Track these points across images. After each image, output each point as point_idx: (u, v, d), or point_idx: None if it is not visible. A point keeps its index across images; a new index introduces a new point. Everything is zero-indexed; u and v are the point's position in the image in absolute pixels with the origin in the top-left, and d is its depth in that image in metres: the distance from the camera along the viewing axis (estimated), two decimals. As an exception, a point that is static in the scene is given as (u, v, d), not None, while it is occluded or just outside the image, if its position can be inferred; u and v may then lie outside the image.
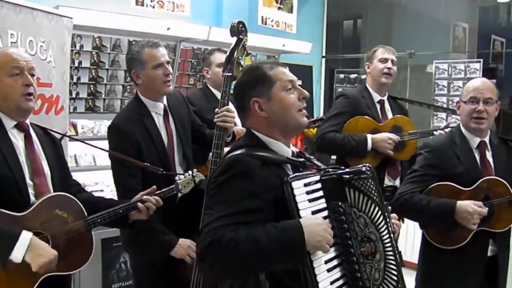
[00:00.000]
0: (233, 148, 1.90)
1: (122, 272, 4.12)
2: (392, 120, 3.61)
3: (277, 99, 1.88)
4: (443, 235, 2.76)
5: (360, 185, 1.81)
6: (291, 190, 1.71)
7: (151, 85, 2.82)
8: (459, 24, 7.07)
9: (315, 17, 7.05)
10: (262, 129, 1.91)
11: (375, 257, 1.80)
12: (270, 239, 1.63)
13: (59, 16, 3.43)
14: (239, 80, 1.99)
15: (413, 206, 2.72)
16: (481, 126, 2.76)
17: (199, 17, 5.17)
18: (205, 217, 1.72)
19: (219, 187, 1.75)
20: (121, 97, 4.61)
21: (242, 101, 1.93)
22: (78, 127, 4.36)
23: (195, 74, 5.10)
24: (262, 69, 1.92)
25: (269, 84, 1.89)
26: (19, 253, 2.04)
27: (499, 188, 2.72)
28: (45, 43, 3.22)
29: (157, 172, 2.64)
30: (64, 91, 3.52)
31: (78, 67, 4.26)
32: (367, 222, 1.80)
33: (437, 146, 2.84)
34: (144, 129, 2.79)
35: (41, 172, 2.30)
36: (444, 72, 5.85)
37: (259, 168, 1.75)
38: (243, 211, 1.68)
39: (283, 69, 1.94)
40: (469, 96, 2.76)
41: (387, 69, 3.60)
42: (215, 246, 1.61)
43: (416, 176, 2.82)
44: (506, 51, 6.77)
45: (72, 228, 2.29)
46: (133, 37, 4.46)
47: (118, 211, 2.43)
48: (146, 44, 2.80)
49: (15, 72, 2.22)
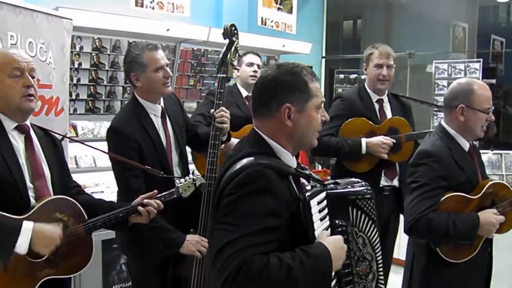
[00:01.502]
0: (241, 153, 1.78)
1: (122, 273, 4.12)
2: (388, 122, 3.59)
3: (308, 114, 1.78)
4: (456, 249, 2.64)
5: (363, 205, 1.80)
6: (308, 209, 1.68)
7: (151, 88, 2.82)
8: (459, 24, 7.07)
9: (314, 18, 7.05)
10: (277, 136, 1.80)
11: (368, 277, 1.82)
12: (303, 268, 1.58)
13: (58, 17, 3.43)
14: (275, 77, 1.79)
15: (438, 227, 2.53)
16: (483, 134, 2.73)
17: (199, 18, 5.17)
18: (223, 233, 1.61)
19: (239, 201, 1.64)
20: (121, 98, 4.61)
21: (271, 100, 1.78)
22: (78, 128, 4.36)
23: (195, 75, 5.10)
24: (305, 77, 1.79)
25: (307, 96, 1.78)
26: (23, 245, 2.05)
27: (503, 191, 2.70)
28: (44, 44, 3.22)
29: (158, 175, 2.64)
30: (64, 93, 3.52)
31: (78, 69, 4.26)
32: (366, 243, 1.81)
33: (440, 155, 2.63)
34: (144, 131, 2.79)
35: (41, 175, 2.29)
36: (444, 72, 5.85)
37: (278, 182, 1.67)
38: (266, 229, 1.59)
39: (319, 85, 1.85)
40: (488, 106, 2.64)
41: (382, 75, 3.55)
42: (246, 272, 1.52)
43: (429, 191, 2.59)
44: (505, 51, 6.77)
45: (72, 232, 2.28)
46: (133, 38, 4.46)
47: (118, 214, 2.41)
48: (146, 47, 2.79)
49: (15, 73, 2.22)
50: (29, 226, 2.08)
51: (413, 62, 6.33)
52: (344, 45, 7.69)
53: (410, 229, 2.63)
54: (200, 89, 5.21)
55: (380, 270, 1.84)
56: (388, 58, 3.58)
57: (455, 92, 2.70)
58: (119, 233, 3.00)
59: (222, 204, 1.68)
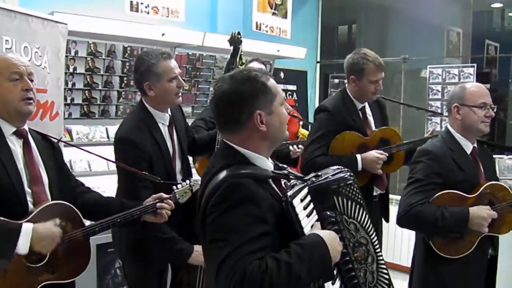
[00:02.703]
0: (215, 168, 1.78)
1: (117, 277, 4.12)
2: (379, 132, 3.47)
3: (277, 113, 1.81)
4: (450, 244, 2.70)
5: (347, 192, 1.82)
6: (293, 209, 1.69)
7: (164, 98, 2.81)
8: (453, 29, 7.10)
9: (309, 22, 7.07)
10: (248, 143, 1.81)
11: (367, 260, 1.84)
12: (301, 261, 1.60)
13: (54, 22, 3.43)
14: (234, 89, 1.78)
15: (427, 217, 2.63)
16: (488, 129, 2.79)
17: (194, 23, 5.17)
18: (217, 251, 1.62)
19: (223, 216, 1.65)
20: (116, 103, 4.61)
21: (238, 113, 1.77)
22: (73, 132, 4.35)
23: (190, 80, 5.10)
24: (261, 78, 1.80)
25: (271, 97, 1.79)
26: (24, 246, 2.07)
27: (501, 193, 2.75)
28: (39, 49, 3.23)
29: (155, 180, 2.64)
30: (59, 97, 3.52)
31: (73, 73, 4.26)
32: (358, 227, 1.83)
33: (438, 153, 2.75)
34: (154, 141, 2.79)
35: (40, 180, 2.30)
36: (438, 77, 5.86)
37: (258, 188, 1.68)
38: (257, 236, 1.61)
39: (274, 81, 1.86)
40: (481, 101, 2.74)
41: (376, 89, 3.40)
42: (249, 281, 1.53)
43: (422, 186, 2.71)
44: (499, 56, 6.80)
45: (70, 237, 2.29)
46: (128, 43, 4.48)
47: (136, 212, 2.46)
48: (161, 55, 2.77)
49: (15, 77, 2.24)
50: (29, 227, 2.10)
51: (408, 67, 6.35)
52: (339, 50, 7.71)
53: (399, 220, 2.75)
54: (195, 94, 5.22)
55: (378, 251, 1.86)
56: (382, 71, 3.42)
57: (450, 95, 2.88)
58: (118, 240, 3.01)
59: (208, 223, 1.69)
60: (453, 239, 2.69)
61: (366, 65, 3.36)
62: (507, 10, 7.26)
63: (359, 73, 3.38)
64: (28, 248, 2.08)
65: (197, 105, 5.22)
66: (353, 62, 3.42)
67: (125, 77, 4.59)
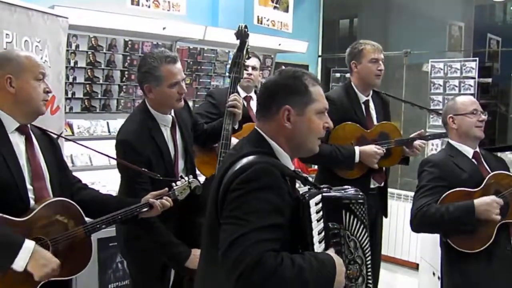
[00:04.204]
0: (243, 150, 1.82)
1: (118, 271, 4.12)
2: (379, 127, 3.52)
3: (308, 118, 1.83)
4: (468, 239, 2.77)
5: (356, 210, 1.83)
6: (308, 209, 1.71)
7: (163, 102, 2.77)
8: (455, 23, 7.07)
9: (311, 16, 7.05)
10: (277, 138, 1.85)
11: (358, 280, 1.85)
12: (312, 270, 1.62)
13: (54, 16, 3.43)
14: (277, 80, 1.88)
15: (433, 215, 2.76)
16: (483, 134, 2.99)
17: (195, 17, 5.17)
18: (234, 227, 1.63)
19: (247, 196, 1.66)
20: (117, 97, 4.61)
21: (271, 101, 1.85)
22: (74, 127, 4.35)
23: (191, 74, 5.10)
24: (305, 81, 1.85)
25: (307, 100, 1.83)
26: (21, 262, 2.04)
27: (506, 180, 2.86)
28: (40, 43, 3.22)
29: (155, 177, 2.64)
30: (60, 91, 3.52)
31: (74, 67, 4.26)
32: (357, 246, 1.84)
33: (438, 160, 2.95)
34: (155, 145, 2.76)
35: (41, 176, 2.30)
36: (440, 71, 5.85)
37: (282, 181, 1.71)
38: (273, 225, 1.63)
39: (321, 91, 1.89)
40: (472, 108, 2.97)
41: (379, 70, 3.48)
42: (262, 268, 1.55)
43: (427, 190, 2.87)
44: (502, 50, 6.77)
45: (72, 234, 2.28)
46: (129, 36, 4.47)
47: (135, 210, 2.47)
48: (164, 59, 2.69)
49: (40, 77, 2.26)
50: (31, 245, 2.07)
51: (410, 61, 6.33)
52: (341, 44, 7.68)
53: (412, 226, 2.92)
54: (196, 88, 5.21)
55: (369, 274, 1.88)
56: (381, 52, 3.52)
57: (444, 110, 3.12)
58: (118, 237, 3.01)
59: (229, 199, 1.70)
60: (469, 234, 2.76)
61: (363, 46, 3.52)
62: (509, 4, 7.23)
63: (357, 56, 3.52)
64: (24, 267, 2.04)
65: (198, 99, 5.20)
66: (351, 49, 3.59)
67: (126, 71, 4.58)
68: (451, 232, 2.81)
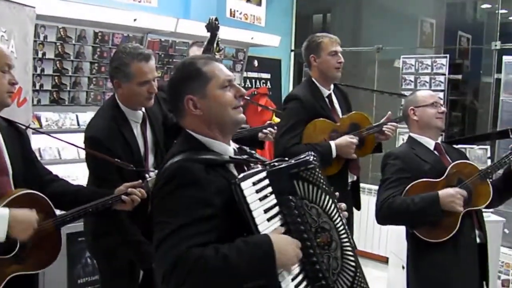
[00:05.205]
0: (171, 154, 1.80)
1: (88, 266, 4.08)
2: (347, 118, 3.51)
3: (212, 96, 1.80)
4: (434, 229, 2.82)
5: (308, 176, 1.78)
6: (240, 192, 1.66)
7: (132, 99, 2.72)
8: (427, 19, 7.13)
9: (284, 10, 7.05)
10: (200, 129, 1.83)
11: (331, 246, 1.79)
12: (241, 255, 1.58)
13: (21, 5, 3.34)
14: (171, 78, 1.90)
15: (399, 207, 2.79)
16: (443, 125, 3.08)
17: (167, 9, 5.11)
18: (158, 232, 1.64)
19: (165, 199, 1.68)
20: (86, 89, 4.54)
21: (175, 100, 1.84)
22: (42, 119, 4.27)
23: (162, 67, 5.04)
24: (196, 64, 1.83)
25: (204, 81, 1.81)
26: (1, 230, 2.01)
27: (468, 169, 2.91)
28: (6, 33, 3.14)
29: (127, 168, 2.59)
30: (27, 83, 3.44)
31: (42, 58, 4.18)
32: (320, 212, 1.79)
33: (400, 153, 3.01)
34: (124, 142, 2.71)
35: (5, 171, 2.24)
36: (411, 67, 5.91)
37: (203, 172, 1.69)
38: (198, 219, 1.62)
39: (220, 65, 1.87)
40: (432, 100, 3.04)
41: (339, 63, 3.44)
42: (182, 265, 1.54)
43: (391, 183, 2.90)
44: (472, 47, 6.86)
45: (41, 227, 2.23)
46: (99, 28, 4.40)
47: (108, 202, 2.43)
48: (136, 56, 2.63)
49: (5, 68, 2.20)
50: (5, 212, 2.04)
51: (381, 57, 6.38)
52: (314, 38, 7.69)
53: (377, 218, 2.96)
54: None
55: (343, 237, 1.83)
56: (339, 45, 3.49)
57: (404, 104, 3.20)
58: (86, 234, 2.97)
59: (153, 207, 1.73)
60: (434, 224, 2.81)
61: (321, 39, 3.47)
62: (480, 2, 7.31)
63: (316, 49, 3.47)
64: (5, 235, 2.01)
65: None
66: (308, 43, 3.54)
67: (96, 63, 4.51)
68: (416, 223, 2.85)
